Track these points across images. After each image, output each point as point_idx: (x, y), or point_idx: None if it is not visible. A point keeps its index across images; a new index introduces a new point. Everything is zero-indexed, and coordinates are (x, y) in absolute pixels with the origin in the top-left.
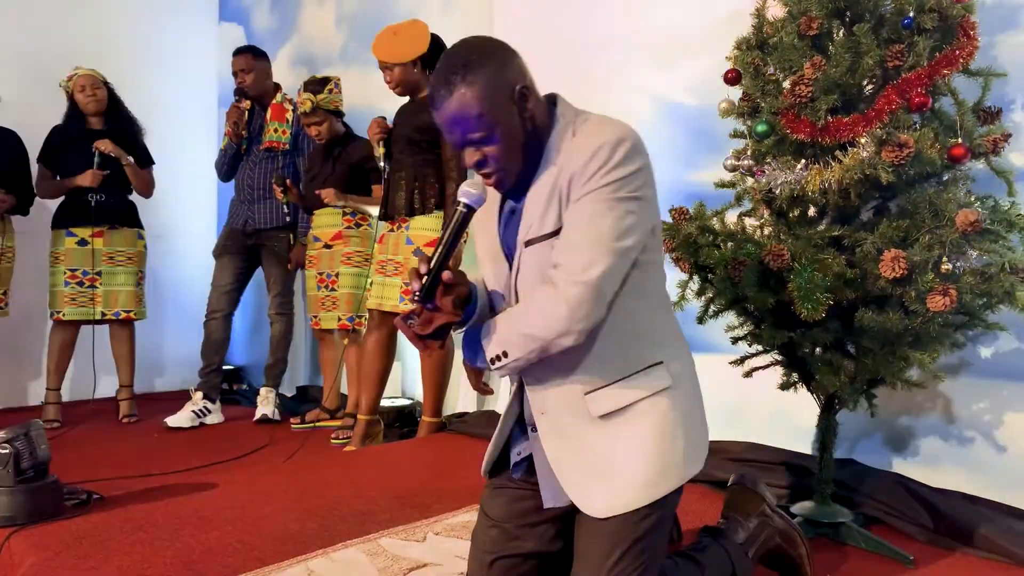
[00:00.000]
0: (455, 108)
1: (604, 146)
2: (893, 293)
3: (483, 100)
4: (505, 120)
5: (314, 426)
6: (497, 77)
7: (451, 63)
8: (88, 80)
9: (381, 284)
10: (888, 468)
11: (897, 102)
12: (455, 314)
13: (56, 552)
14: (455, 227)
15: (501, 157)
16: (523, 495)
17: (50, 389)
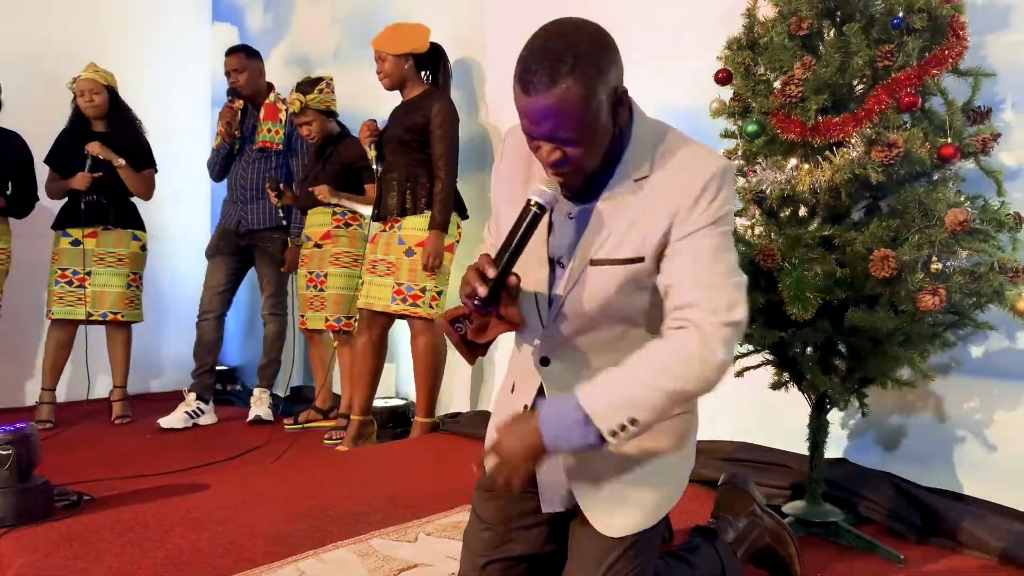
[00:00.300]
0: (555, 101)
1: (713, 179)
2: (883, 293)
3: (588, 100)
4: (601, 124)
5: (307, 426)
6: (606, 76)
7: (559, 48)
8: (87, 84)
9: (371, 284)
10: (879, 467)
11: (887, 102)
12: (521, 322)
13: (46, 553)
14: (526, 229)
15: (583, 160)
16: (515, 499)
17: (44, 389)
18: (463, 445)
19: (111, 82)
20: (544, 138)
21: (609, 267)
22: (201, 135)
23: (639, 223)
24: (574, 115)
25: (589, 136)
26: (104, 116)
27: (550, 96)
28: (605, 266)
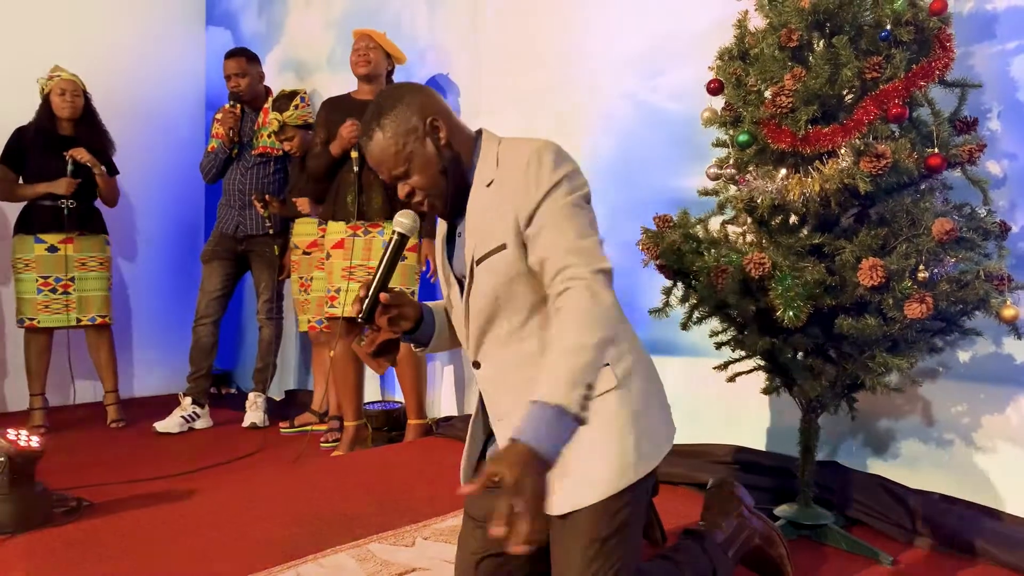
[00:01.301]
0: (376, 151)
1: (533, 155)
2: (872, 300)
3: (396, 138)
4: (419, 152)
5: (303, 430)
6: (406, 114)
7: (368, 114)
8: (69, 85)
9: (349, 291)
10: (868, 470)
11: (875, 113)
12: (393, 331)
13: (47, 560)
14: (391, 253)
15: (424, 186)
16: None
17: (34, 395)
18: (457, 448)
19: (83, 86)
20: (390, 180)
21: (485, 262)
22: (195, 139)
23: (493, 215)
24: (391, 154)
25: (415, 165)
26: (75, 119)
27: (373, 148)
28: (482, 263)
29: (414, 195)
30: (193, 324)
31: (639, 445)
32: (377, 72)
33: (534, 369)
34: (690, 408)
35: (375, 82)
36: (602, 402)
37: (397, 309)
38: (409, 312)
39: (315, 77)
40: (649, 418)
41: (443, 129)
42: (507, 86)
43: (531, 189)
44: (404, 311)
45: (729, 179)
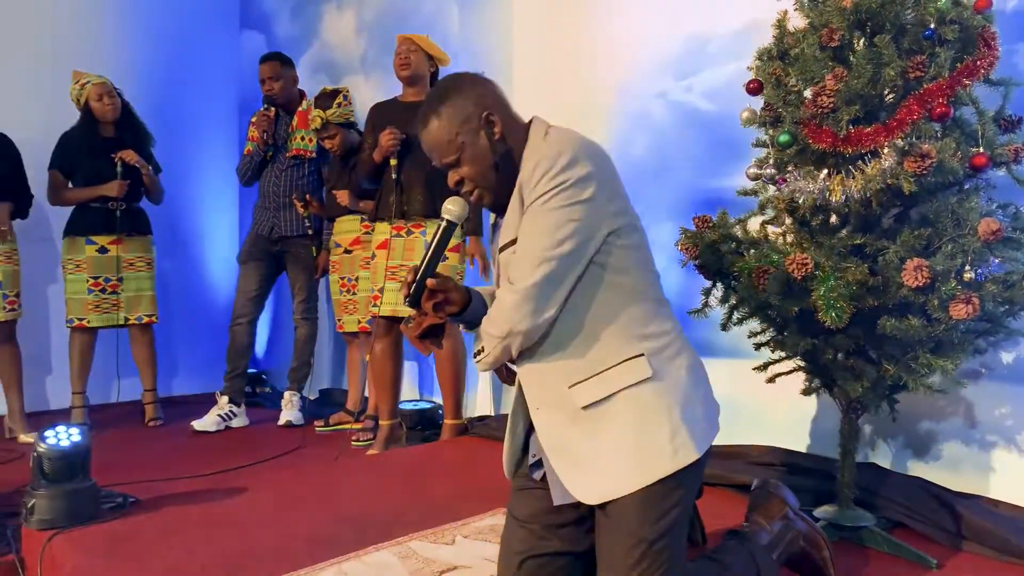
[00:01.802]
0: (431, 138)
1: (545, 157)
2: (915, 301)
3: (451, 128)
4: (472, 144)
5: (338, 429)
6: (464, 106)
7: (427, 100)
8: (104, 88)
9: (392, 291)
10: (910, 472)
11: (919, 112)
12: (438, 316)
13: (96, 555)
14: (439, 239)
15: (474, 177)
16: (546, 494)
17: (76, 393)
18: (492, 447)
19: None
20: (442, 168)
21: (504, 253)
22: (229, 141)
23: (515, 209)
24: (445, 142)
25: (468, 156)
26: (115, 121)
27: (427, 135)
28: (502, 253)
29: (463, 184)
30: (230, 324)
31: (674, 438)
32: (419, 74)
33: (566, 356)
34: (728, 409)
35: (418, 84)
36: (632, 393)
37: (443, 294)
38: (455, 297)
39: (347, 79)
40: (685, 411)
41: (498, 124)
42: (539, 87)
43: (533, 188)
44: (450, 296)
45: (769, 179)
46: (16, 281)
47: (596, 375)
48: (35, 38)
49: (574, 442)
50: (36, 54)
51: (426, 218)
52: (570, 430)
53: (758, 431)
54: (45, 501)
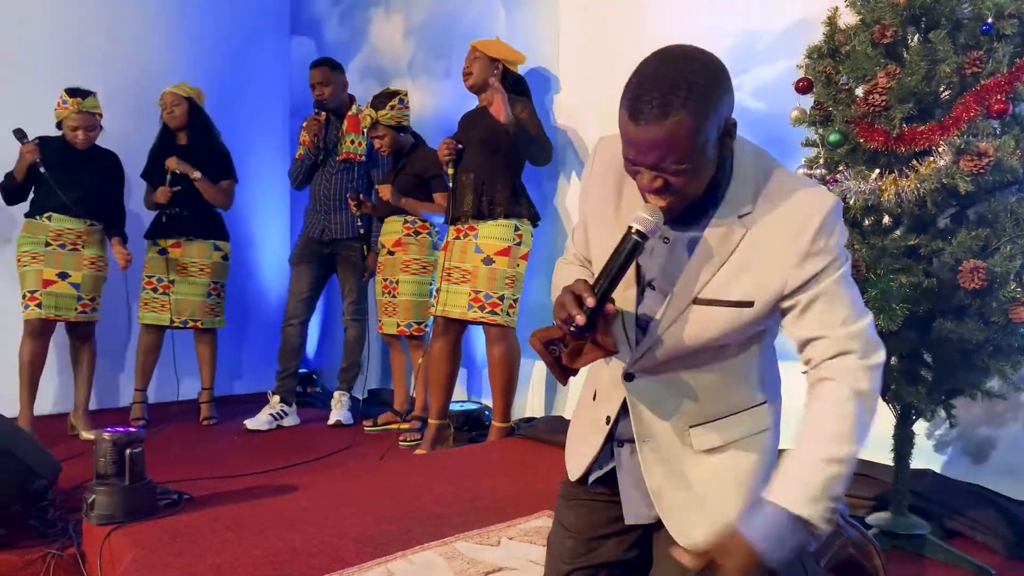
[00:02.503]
0: (665, 133)
1: (827, 218)
2: (972, 304)
3: (699, 133)
4: (708, 156)
5: (386, 429)
6: (718, 108)
7: (673, 78)
8: (169, 98)
9: (447, 291)
10: (968, 479)
11: (976, 109)
12: (615, 350)
13: (152, 550)
14: (625, 257)
15: (687, 189)
16: (598, 507)
17: (137, 390)
18: (539, 450)
19: (191, 94)
20: (647, 165)
21: (714, 307)
22: (281, 145)
23: (749, 266)
24: (684, 147)
25: (696, 168)
26: (185, 128)
27: (662, 127)
28: (709, 306)
29: (666, 191)
30: (282, 325)
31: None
32: (483, 81)
33: (700, 397)
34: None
35: (486, 90)
36: (754, 441)
37: (611, 324)
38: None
39: (395, 83)
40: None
41: (730, 136)
42: (585, 88)
43: (810, 258)
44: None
45: (819, 179)
46: (97, 286)
47: (722, 418)
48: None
49: (688, 483)
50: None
51: (476, 220)
52: (685, 470)
53: None
54: (105, 497)
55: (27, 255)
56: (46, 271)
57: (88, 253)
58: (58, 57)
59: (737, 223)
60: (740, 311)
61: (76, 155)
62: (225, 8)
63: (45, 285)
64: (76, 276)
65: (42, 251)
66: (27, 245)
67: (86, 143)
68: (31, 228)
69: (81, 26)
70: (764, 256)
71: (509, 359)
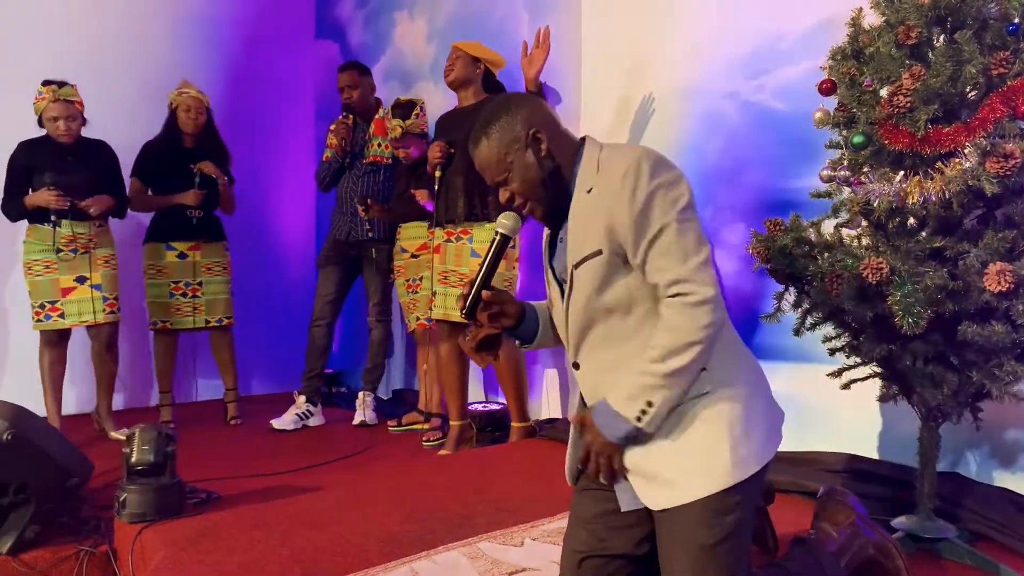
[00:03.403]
0: (481, 158)
1: (632, 163)
2: (999, 306)
3: (500, 149)
4: (520, 161)
5: (410, 429)
6: (511, 125)
7: (479, 123)
8: (195, 103)
9: (444, 295)
10: (996, 483)
11: (1002, 110)
12: (493, 327)
13: (182, 548)
14: (494, 252)
15: (523, 193)
16: (608, 496)
17: (163, 392)
18: (560, 450)
19: (206, 101)
20: (493, 185)
21: (583, 265)
22: (306, 148)
23: (591, 221)
24: (494, 162)
25: (516, 174)
26: (195, 134)
27: (478, 155)
28: (580, 266)
29: (514, 200)
30: (309, 326)
31: (736, 449)
32: (464, 78)
33: (630, 367)
34: (801, 415)
35: (466, 88)
36: (700, 404)
37: (498, 306)
38: (510, 310)
39: (418, 86)
40: (749, 423)
41: (544, 141)
42: (608, 89)
43: (628, 198)
44: (505, 308)
45: (843, 181)
46: (115, 284)
47: None
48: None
49: (635, 452)
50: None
51: (469, 222)
52: (635, 442)
53: (832, 437)
54: (135, 496)
55: (38, 264)
56: (62, 279)
57: (100, 253)
58: (78, 60)
59: (586, 197)
60: (596, 261)
61: (68, 153)
62: (250, 12)
63: (64, 294)
64: (95, 277)
65: (54, 258)
66: (36, 253)
67: (68, 134)
68: (38, 234)
69: (103, 30)
70: (599, 208)
71: (514, 359)
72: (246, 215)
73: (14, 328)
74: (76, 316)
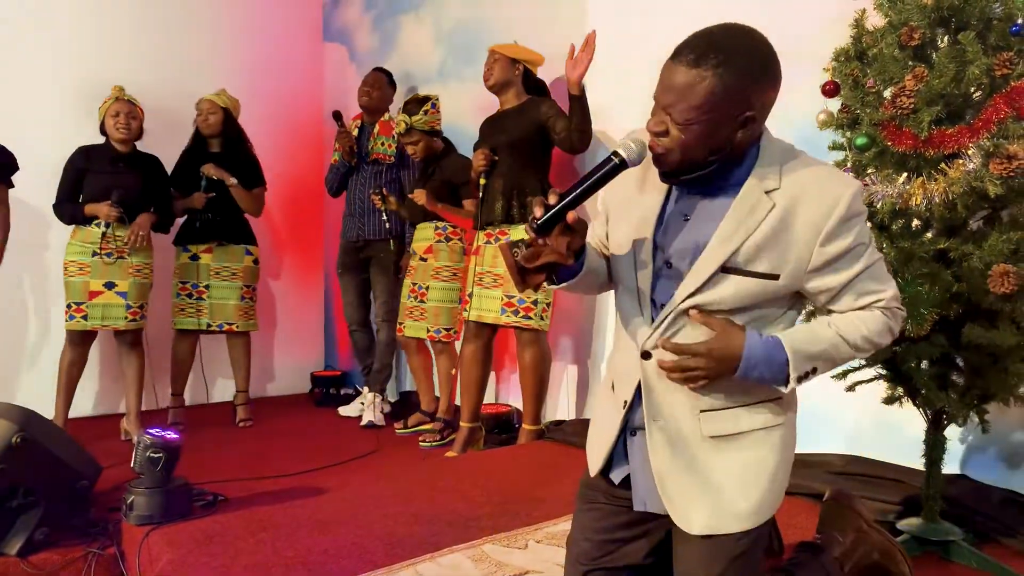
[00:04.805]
0: (683, 82)
1: (843, 197)
2: (1003, 308)
3: (710, 97)
4: (712, 125)
5: (417, 430)
6: (739, 91)
7: (720, 40)
8: (206, 105)
9: (479, 296)
10: (1002, 485)
11: (1006, 111)
12: (565, 256)
13: (189, 550)
14: (601, 175)
15: (681, 145)
16: (616, 511)
17: (173, 394)
18: (567, 452)
19: (228, 104)
20: (661, 104)
21: (740, 277)
22: (315, 151)
23: (777, 239)
24: (692, 102)
25: (700, 129)
26: (218, 135)
27: (684, 76)
28: (735, 275)
29: (664, 136)
30: (349, 331)
31: (783, 484)
32: (503, 80)
33: (717, 385)
34: (804, 417)
35: (507, 90)
36: (766, 435)
37: (576, 236)
38: (577, 243)
39: (426, 89)
40: (791, 459)
41: (749, 129)
42: (614, 91)
43: (835, 239)
44: (577, 240)
45: None
46: (143, 294)
47: (736, 407)
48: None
49: (692, 468)
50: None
51: (506, 224)
52: (691, 454)
53: (838, 440)
54: (143, 498)
55: (74, 265)
56: (92, 283)
57: (134, 261)
58: (88, 65)
59: (764, 198)
60: (765, 283)
61: (121, 160)
62: (258, 15)
63: (91, 297)
64: (123, 285)
65: (88, 261)
66: (75, 255)
67: (128, 130)
68: (81, 236)
69: (114, 34)
70: (790, 232)
71: (541, 363)
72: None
73: (33, 330)
74: (99, 320)
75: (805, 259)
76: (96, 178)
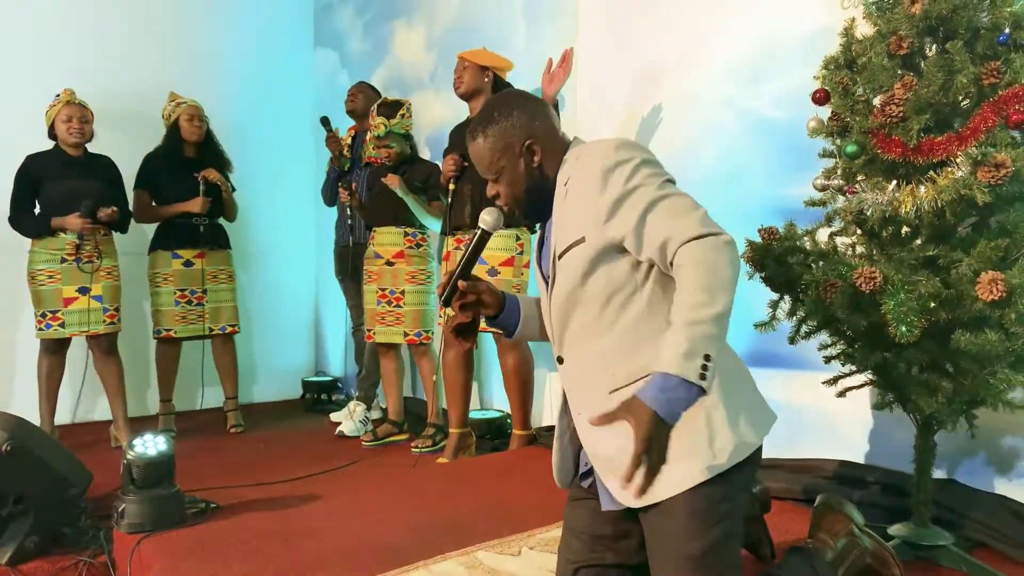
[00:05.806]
0: (475, 152)
1: (607, 149)
2: (992, 315)
3: (493, 151)
4: (511, 168)
5: (386, 442)
6: (508, 132)
7: (481, 114)
8: (195, 111)
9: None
10: (992, 489)
11: (994, 120)
12: (464, 316)
13: (181, 558)
14: (475, 246)
15: (508, 195)
16: (599, 505)
17: (163, 401)
18: None
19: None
20: (485, 177)
21: (566, 255)
22: (305, 156)
23: (572, 210)
24: (486, 162)
25: (505, 178)
26: (197, 143)
27: (473, 149)
28: (564, 256)
29: (498, 197)
30: (352, 331)
31: (712, 443)
32: (474, 88)
33: (609, 363)
34: (797, 421)
35: (476, 98)
36: None
37: (474, 296)
38: (488, 300)
39: (417, 95)
40: (728, 416)
41: (538, 154)
42: (604, 97)
43: (610, 181)
44: (482, 298)
45: (837, 190)
46: (116, 296)
47: (633, 383)
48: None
49: (614, 447)
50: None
51: (475, 229)
52: (610, 436)
53: (828, 445)
54: (134, 506)
55: (43, 273)
56: (65, 289)
57: (104, 264)
58: (76, 72)
59: (563, 189)
60: (580, 248)
61: (75, 164)
62: (250, 21)
63: (66, 304)
64: (96, 289)
65: (58, 268)
66: (42, 263)
67: (80, 134)
68: (46, 244)
69: (106, 39)
70: (579, 196)
71: (523, 366)
72: (246, 223)
73: (21, 339)
74: (76, 326)
75: (591, 215)
76: (54, 185)
